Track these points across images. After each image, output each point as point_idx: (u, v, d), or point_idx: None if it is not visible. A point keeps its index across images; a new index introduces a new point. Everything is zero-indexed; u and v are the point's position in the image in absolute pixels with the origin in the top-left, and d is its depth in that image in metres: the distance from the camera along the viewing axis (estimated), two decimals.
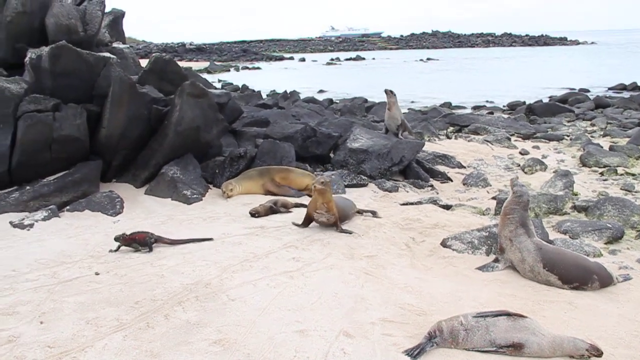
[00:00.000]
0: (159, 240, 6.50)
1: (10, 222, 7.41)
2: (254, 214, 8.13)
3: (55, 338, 4.06)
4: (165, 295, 4.94)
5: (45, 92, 9.07)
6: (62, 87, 9.31)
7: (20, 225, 7.33)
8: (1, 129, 8.43)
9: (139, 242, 6.36)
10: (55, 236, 6.96)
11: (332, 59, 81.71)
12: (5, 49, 10.35)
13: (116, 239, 6.37)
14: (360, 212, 8.29)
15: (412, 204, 9.33)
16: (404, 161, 11.41)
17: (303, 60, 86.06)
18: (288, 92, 28.59)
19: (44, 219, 7.58)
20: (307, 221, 7.57)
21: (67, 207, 8.20)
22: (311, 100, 25.30)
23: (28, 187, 8.38)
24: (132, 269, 5.66)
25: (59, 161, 8.78)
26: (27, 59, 9.34)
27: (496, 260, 6.50)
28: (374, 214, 8.28)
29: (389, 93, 13.01)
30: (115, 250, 6.33)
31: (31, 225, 7.35)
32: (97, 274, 5.49)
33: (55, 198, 8.30)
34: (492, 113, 24.12)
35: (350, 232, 7.32)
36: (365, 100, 26.77)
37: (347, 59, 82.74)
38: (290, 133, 11.94)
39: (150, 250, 6.33)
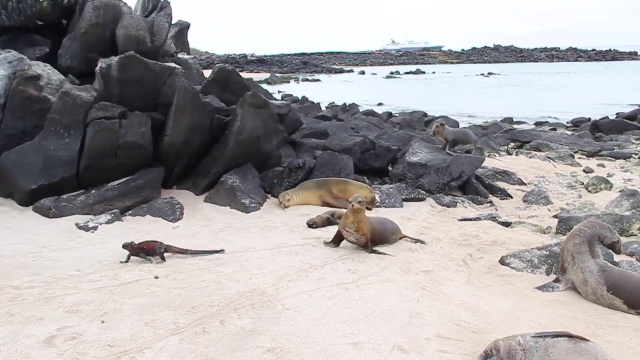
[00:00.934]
0: (169, 249, 6.32)
1: (76, 224, 7.70)
2: (311, 224, 8.16)
3: (115, 337, 4.18)
4: (221, 302, 5.01)
5: (113, 100, 9.43)
6: (129, 95, 9.65)
7: (85, 228, 7.60)
8: (72, 134, 8.80)
9: (147, 251, 6.18)
10: (117, 239, 7.16)
11: (391, 72, 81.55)
12: (79, 58, 10.84)
13: (124, 246, 6.22)
14: (406, 238, 7.63)
15: (470, 219, 9.15)
16: (463, 176, 11.21)
17: (363, 73, 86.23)
18: (347, 104, 28.66)
19: (107, 222, 7.84)
20: (338, 239, 7.14)
21: (130, 212, 8.46)
22: (370, 113, 25.27)
23: (93, 191, 8.69)
24: (190, 274, 5.77)
25: (123, 167, 9.08)
26: (97, 68, 9.74)
27: (557, 280, 6.28)
28: (419, 241, 7.55)
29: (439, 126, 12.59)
30: (126, 261, 6.13)
31: (95, 228, 7.61)
32: (156, 277, 5.62)
33: (118, 202, 8.57)
34: (555, 129, 23.44)
35: (382, 253, 6.84)
36: (425, 114, 26.53)
37: (406, 73, 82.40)
38: (349, 145, 11.94)
39: (163, 259, 6.19)
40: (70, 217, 8.01)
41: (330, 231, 7.92)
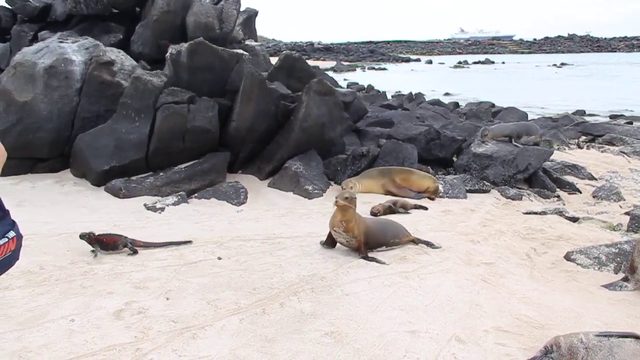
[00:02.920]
0: (134, 243, 5.88)
1: (145, 205, 8.00)
2: (375, 212, 8.17)
3: (179, 314, 4.33)
4: (282, 285, 5.10)
5: (182, 85, 9.70)
6: (197, 81, 9.90)
7: (153, 208, 7.88)
8: (142, 118, 9.12)
9: (106, 245, 5.72)
10: (183, 221, 7.41)
11: (459, 62, 79.94)
12: (150, 45, 11.20)
13: (81, 236, 5.75)
14: (415, 241, 6.70)
15: (536, 213, 8.91)
16: (529, 169, 10.91)
17: (430, 62, 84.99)
18: (413, 93, 28.34)
19: (174, 204, 8.09)
20: (330, 239, 6.37)
21: (195, 195, 8.70)
22: (436, 103, 24.90)
23: (162, 174, 8.99)
24: (253, 257, 5.89)
25: (190, 151, 9.34)
26: (168, 54, 10.03)
27: (625, 280, 6.02)
28: (429, 245, 6.66)
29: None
30: (94, 253, 5.66)
31: (162, 209, 7.88)
32: (219, 258, 5.77)
33: (185, 185, 8.83)
34: (631, 123, 22.32)
35: (376, 261, 5.94)
36: (492, 105, 25.88)
37: (475, 62, 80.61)
38: (414, 134, 11.84)
39: (134, 252, 5.78)
40: (139, 197, 8.32)
41: (392, 219, 7.91)
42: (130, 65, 10.12)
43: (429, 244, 6.66)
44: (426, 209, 8.80)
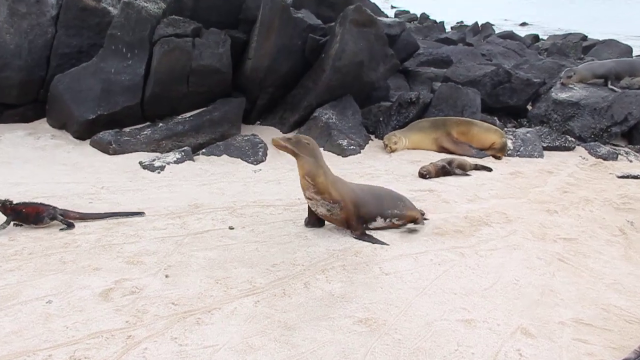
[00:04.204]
0: (65, 215, 5.81)
1: (140, 163, 8.16)
2: (424, 174, 8.20)
3: (180, 295, 4.46)
4: (307, 260, 5.19)
5: (185, 13, 9.73)
6: (204, 8, 9.91)
7: (151, 167, 8.04)
8: (136, 55, 9.22)
9: (26, 217, 5.64)
10: (187, 182, 7.54)
11: None
12: None
13: None
14: (417, 221, 6.17)
15: (635, 177, 8.81)
16: (629, 120, 10.75)
17: None
18: (479, 24, 27.88)
19: (176, 162, 8.24)
20: (311, 214, 6.01)
21: (203, 150, 8.83)
22: (509, 36, 24.46)
23: (161, 124, 9.14)
24: (272, 226, 5.99)
25: (196, 96, 9.45)
26: None
27: None
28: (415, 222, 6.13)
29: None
30: (4, 225, 5.57)
31: (162, 168, 8.03)
32: (231, 228, 5.89)
33: (189, 139, 8.97)
34: None
35: (374, 242, 5.67)
36: (584, 38, 25.31)
37: None
38: (477, 76, 11.74)
39: (70, 226, 5.72)
40: (133, 154, 8.50)
41: (447, 183, 7.94)
42: None
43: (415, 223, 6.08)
44: (490, 170, 8.79)
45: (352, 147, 9.31)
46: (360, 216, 5.81)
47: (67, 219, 5.79)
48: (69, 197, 6.69)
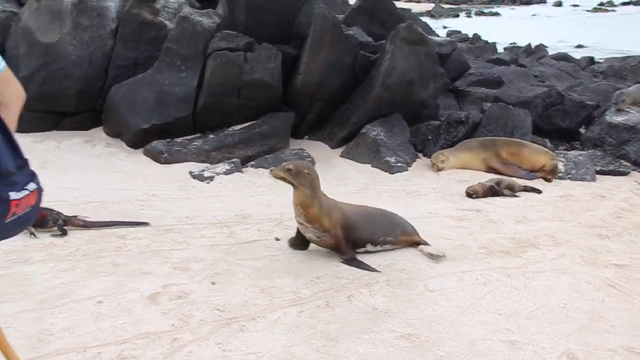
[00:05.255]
0: (69, 222, 5.85)
1: (190, 172, 8.31)
2: (471, 193, 8.17)
3: (226, 302, 4.54)
4: (351, 274, 5.23)
5: (238, 28, 9.91)
6: (256, 23, 10.08)
7: (200, 177, 8.17)
8: (189, 67, 9.40)
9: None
10: (235, 193, 7.66)
11: (601, 4, 76.68)
12: None
13: None
14: (419, 243, 6.05)
15: None
16: None
17: (559, 4, 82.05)
18: (532, 45, 27.63)
19: (225, 173, 8.36)
20: (299, 236, 5.83)
21: (252, 163, 8.95)
22: (563, 58, 24.15)
23: (211, 136, 9.28)
24: None
25: (247, 109, 9.58)
26: None
27: None
28: (434, 257, 5.81)
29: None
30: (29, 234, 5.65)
31: (211, 178, 8.16)
32: (277, 239, 5.97)
33: (239, 151, 9.09)
34: None
35: (362, 267, 5.41)
36: None
37: (624, 3, 77.04)
38: (529, 98, 11.67)
39: (64, 233, 5.71)
40: (184, 164, 8.64)
41: (494, 203, 7.90)
42: (176, 2, 10.41)
43: (433, 256, 5.80)
44: (540, 192, 8.72)
45: (399, 164, 9.32)
46: (349, 241, 5.59)
47: (70, 226, 5.82)
48: (121, 203, 6.85)
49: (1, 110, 2.24)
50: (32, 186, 2.28)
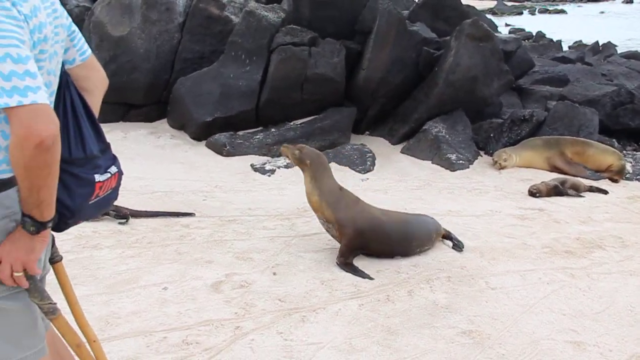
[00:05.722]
0: (119, 210, 5.91)
1: (252, 165, 8.42)
2: (535, 192, 8.05)
3: (287, 292, 4.58)
4: (411, 269, 5.21)
5: (302, 23, 9.98)
6: (321, 18, 10.12)
7: (262, 170, 8.27)
8: (254, 61, 9.50)
9: None
10: (296, 186, 7.70)
11: None
12: None
13: None
14: (446, 237, 5.93)
15: None
16: None
17: (630, 1, 79.96)
18: (600, 44, 27.00)
19: (286, 166, 8.44)
20: None
21: None
22: (633, 56, 23.46)
23: (273, 130, 9.37)
24: None
25: (309, 103, 9.64)
26: None
27: None
28: (457, 247, 5.81)
29: None
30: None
31: (272, 171, 8.24)
32: None
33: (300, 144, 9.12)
34: None
35: (357, 274, 5.04)
36: None
37: None
38: (596, 96, 11.42)
39: (125, 220, 5.84)
40: (245, 156, 8.76)
41: (558, 203, 7.77)
42: None
43: (456, 245, 5.80)
44: (606, 192, 8.54)
45: (460, 161, 9.24)
46: (354, 245, 5.26)
47: (120, 214, 5.90)
48: (185, 193, 6.99)
49: (86, 96, 2.31)
50: (113, 169, 2.35)
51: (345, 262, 5.15)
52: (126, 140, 9.08)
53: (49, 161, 1.85)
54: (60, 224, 2.14)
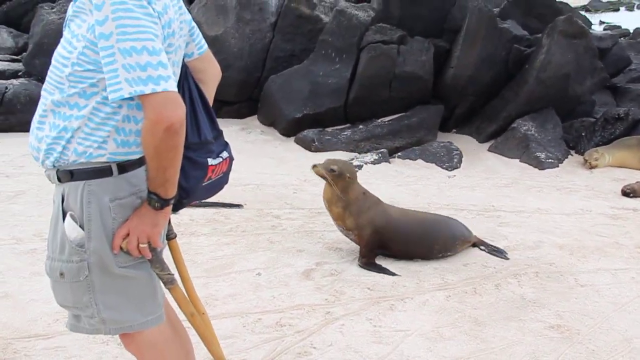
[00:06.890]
0: None
1: None
2: (629, 192, 7.89)
3: (375, 282, 4.68)
4: (498, 264, 5.23)
5: (392, 21, 10.05)
6: (410, 17, 10.18)
7: None
8: (343, 59, 9.65)
9: None
10: (383, 182, 7.81)
11: None
12: None
13: None
14: (477, 244, 5.64)
15: None
16: None
17: None
18: None
19: (373, 162, 8.54)
20: None
21: (399, 154, 9.08)
22: None
23: (361, 126, 9.49)
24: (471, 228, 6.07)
25: (396, 101, 9.72)
26: None
27: None
28: (495, 253, 5.51)
29: None
30: None
31: (360, 167, 8.35)
32: None
33: (387, 142, 9.24)
34: None
35: (381, 271, 4.94)
36: None
37: None
38: None
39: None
40: (333, 152, 8.89)
41: None
42: None
43: (495, 251, 5.53)
44: None
45: (549, 160, 9.12)
46: (374, 247, 5.16)
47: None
48: (276, 187, 7.19)
49: (202, 87, 2.49)
50: (225, 154, 2.52)
51: (368, 262, 5.06)
52: None
53: (176, 143, 2.04)
54: (177, 204, 2.31)
